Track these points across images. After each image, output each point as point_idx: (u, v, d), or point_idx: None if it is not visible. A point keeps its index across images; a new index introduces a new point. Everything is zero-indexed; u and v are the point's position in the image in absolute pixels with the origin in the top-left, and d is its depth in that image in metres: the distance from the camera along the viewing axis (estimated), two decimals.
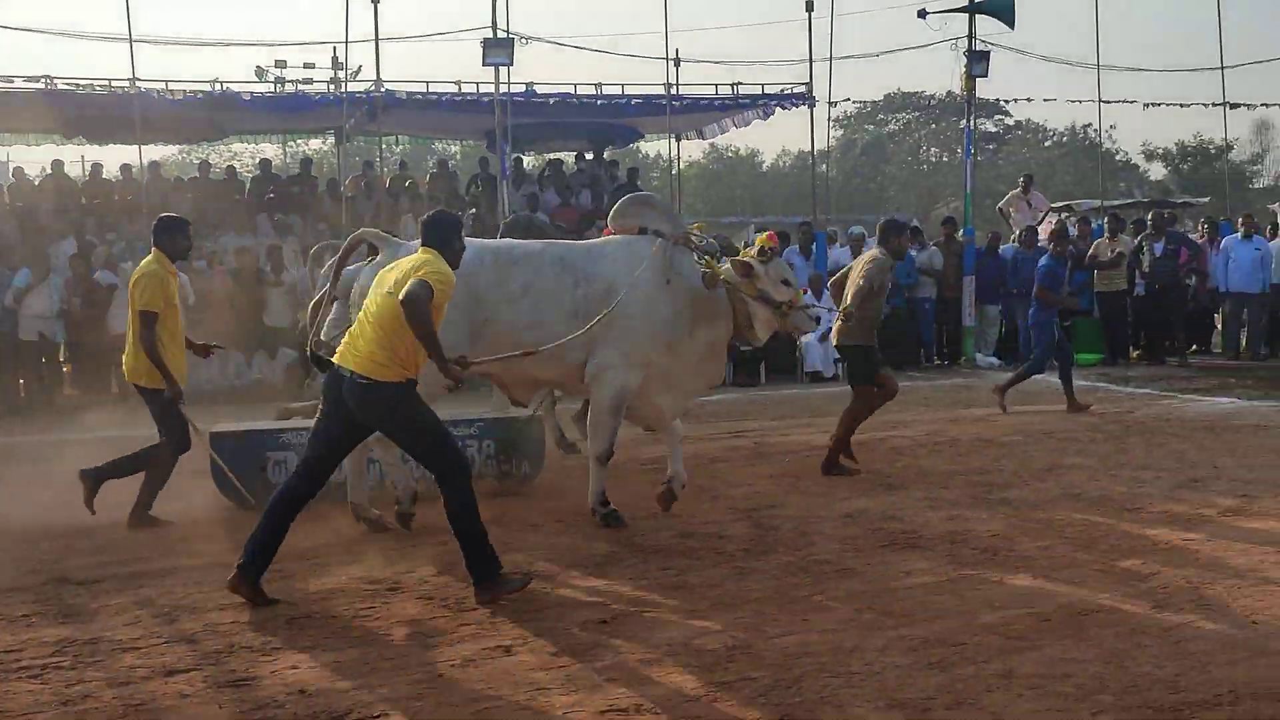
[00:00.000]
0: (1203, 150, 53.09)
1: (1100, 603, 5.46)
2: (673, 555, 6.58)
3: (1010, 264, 17.11)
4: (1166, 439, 10.12)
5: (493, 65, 15.97)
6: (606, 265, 7.46)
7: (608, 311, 7.09)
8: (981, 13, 17.75)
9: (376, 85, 17.02)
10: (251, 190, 18.77)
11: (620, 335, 7.29)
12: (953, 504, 7.77)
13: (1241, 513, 7.30)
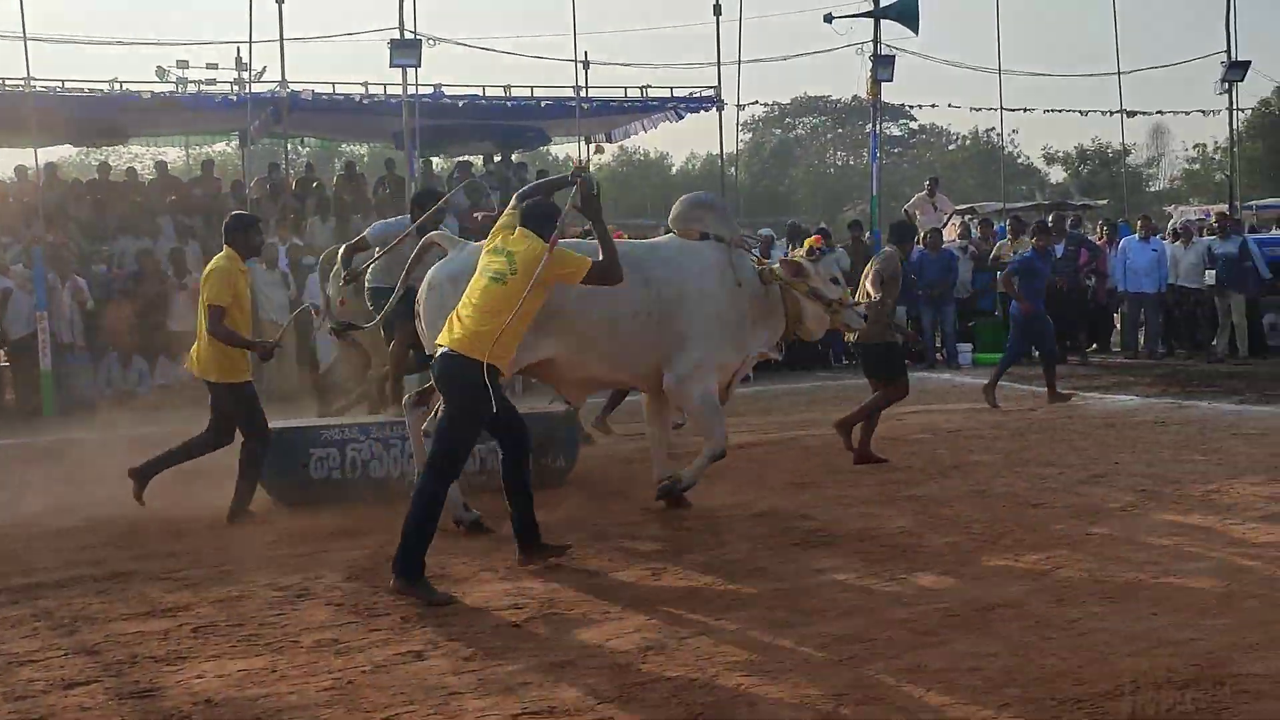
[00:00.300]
0: (1101, 154, 54.43)
1: (1006, 597, 5.55)
2: (586, 557, 6.56)
3: (916, 265, 17.33)
4: (1068, 435, 10.33)
5: (400, 67, 15.84)
6: (674, 268, 7.53)
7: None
8: (886, 18, 18.01)
9: (281, 86, 16.81)
10: (152, 193, 18.40)
11: (697, 341, 7.44)
12: (863, 501, 7.86)
13: (1141, 507, 7.46)
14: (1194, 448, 9.54)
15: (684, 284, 7.47)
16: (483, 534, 7.15)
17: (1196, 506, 7.43)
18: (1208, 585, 5.65)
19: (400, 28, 15.90)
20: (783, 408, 13.09)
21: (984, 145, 54.72)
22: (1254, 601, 5.38)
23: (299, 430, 8.53)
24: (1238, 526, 6.85)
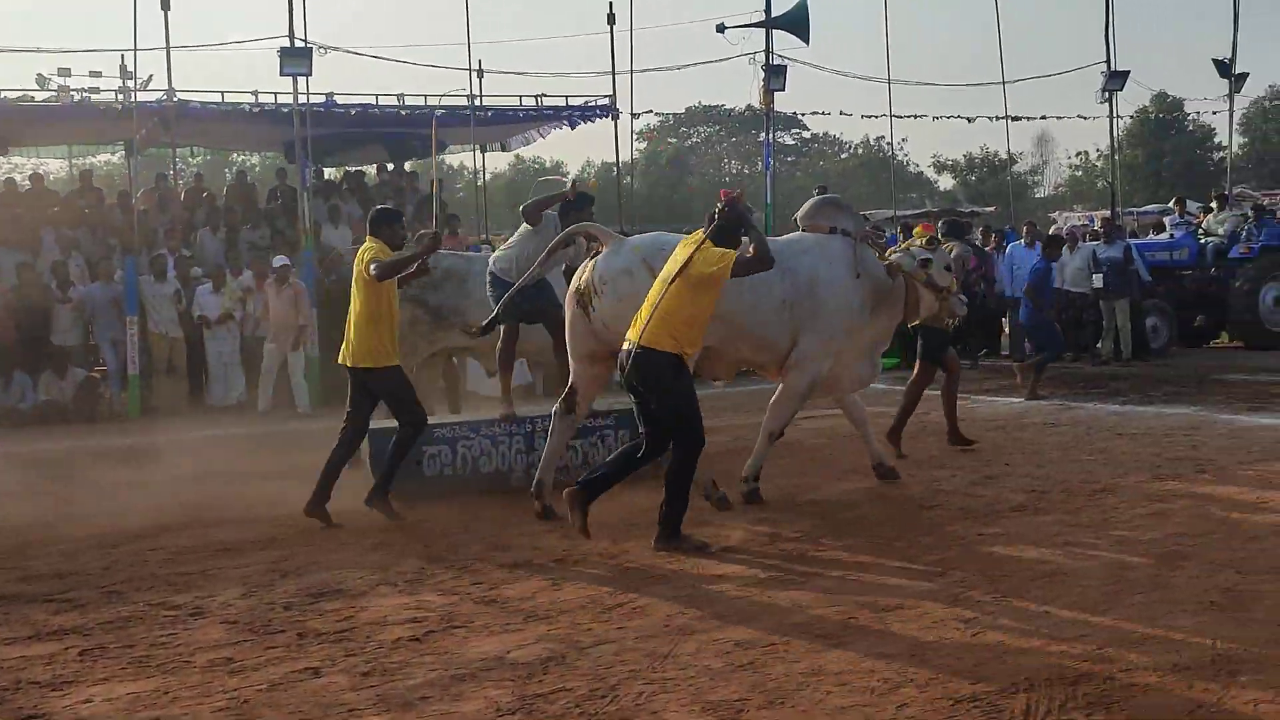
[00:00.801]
0: (989, 162, 55.63)
1: (903, 599, 5.62)
2: (486, 568, 6.52)
3: None
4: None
5: (290, 75, 15.61)
6: (807, 260, 8.14)
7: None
8: (778, 28, 18.21)
9: (169, 95, 16.46)
10: (31, 204, 17.84)
11: (821, 326, 8.05)
12: (762, 507, 7.90)
13: (1032, 507, 7.62)
14: (1081, 448, 9.77)
15: (816, 273, 8.10)
16: (727, 508, 7.75)
17: (1084, 506, 7.61)
18: (1097, 582, 5.79)
19: (290, 36, 15.66)
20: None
21: (875, 154, 55.65)
22: (1140, 597, 5.52)
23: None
24: (1124, 524, 7.03)
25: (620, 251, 7.76)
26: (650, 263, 7.52)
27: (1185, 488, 8.06)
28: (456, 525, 7.45)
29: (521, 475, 8.67)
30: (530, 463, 8.62)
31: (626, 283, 7.55)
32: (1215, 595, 5.48)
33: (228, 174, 33.86)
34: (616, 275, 7.62)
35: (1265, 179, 46.65)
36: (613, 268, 7.67)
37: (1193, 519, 7.11)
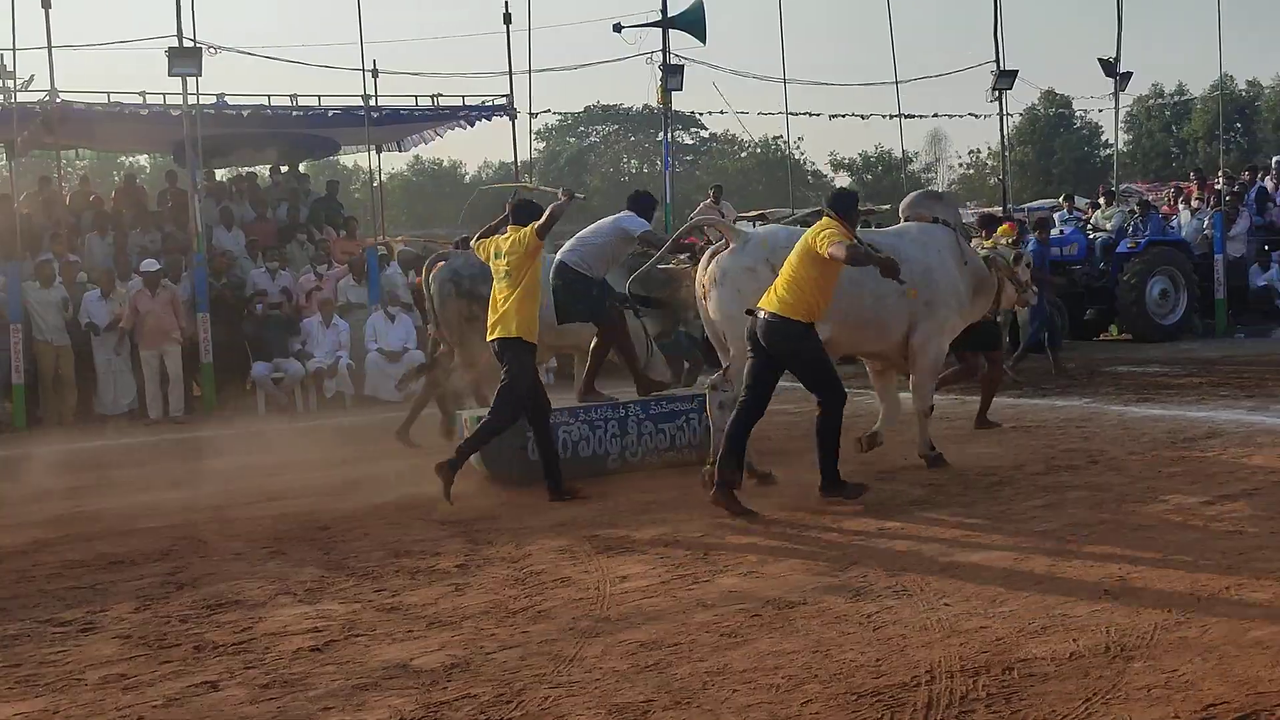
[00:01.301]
0: (884, 160, 56.41)
1: (806, 595, 5.66)
2: (386, 576, 6.44)
3: None
4: (858, 434, 10.60)
5: (179, 75, 15.28)
6: (918, 249, 8.63)
7: None
8: (674, 28, 18.25)
9: (51, 95, 15.99)
10: None
11: (937, 312, 8.63)
12: (663, 506, 7.91)
13: (928, 502, 7.73)
14: (977, 441, 9.94)
15: (928, 261, 8.62)
16: (772, 483, 8.25)
17: (981, 498, 7.73)
18: (994, 574, 5.88)
19: (179, 35, 15.33)
20: None
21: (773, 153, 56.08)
22: (1038, 587, 5.62)
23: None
24: (1020, 516, 7.16)
25: (746, 248, 8.27)
26: (773, 261, 7.99)
27: (1078, 479, 8.23)
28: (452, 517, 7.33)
29: (617, 459, 9.24)
30: (624, 446, 9.27)
31: (748, 280, 8.06)
32: (1109, 584, 5.59)
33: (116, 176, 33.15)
34: (739, 272, 8.16)
35: (1150, 174, 47.95)
36: (737, 264, 8.21)
37: (1086, 510, 7.26)
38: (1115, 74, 22.54)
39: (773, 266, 7.88)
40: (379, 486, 9.08)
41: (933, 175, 64.11)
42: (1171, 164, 51.80)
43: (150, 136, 19.46)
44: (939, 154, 64.35)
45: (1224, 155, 26.23)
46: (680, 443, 9.48)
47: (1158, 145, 55.46)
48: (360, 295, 16.16)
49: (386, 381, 15.21)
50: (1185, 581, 5.55)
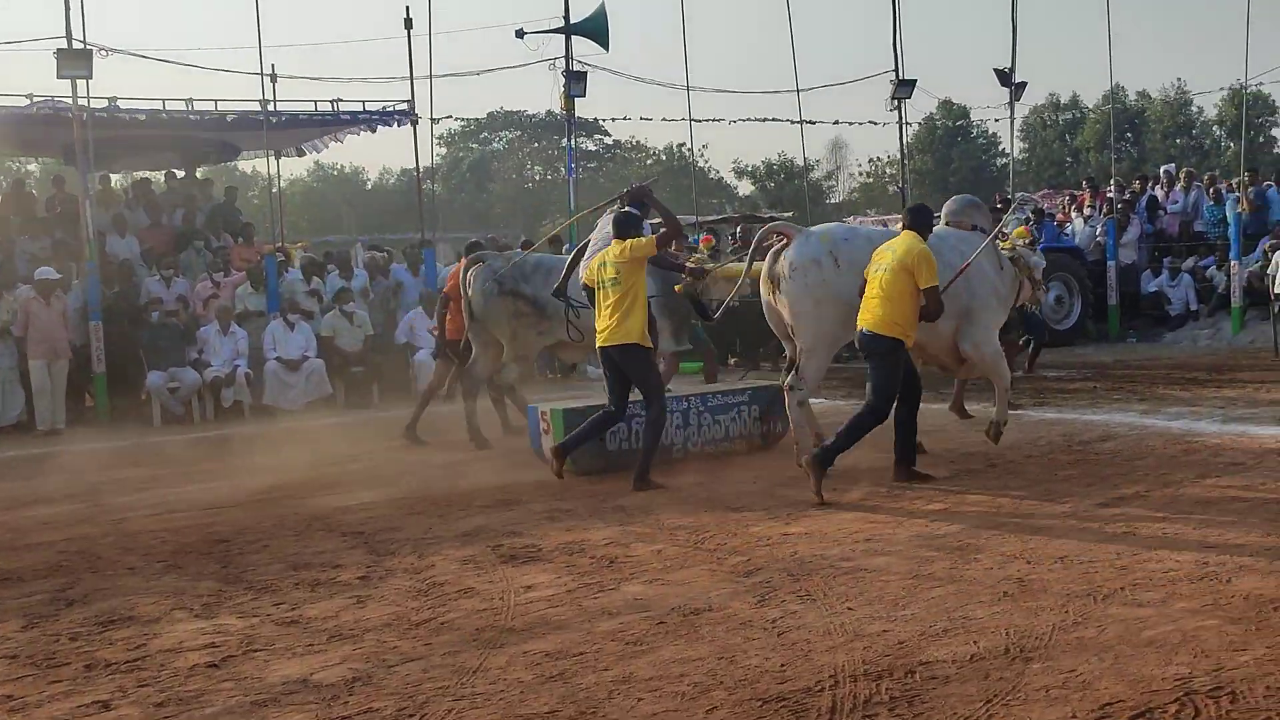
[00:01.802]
0: (786, 168, 56.98)
1: (711, 601, 5.66)
2: (285, 589, 6.32)
3: None
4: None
5: (69, 78, 14.91)
6: (959, 255, 8.93)
7: None
8: (577, 34, 18.25)
9: None
10: None
11: (983, 313, 9.13)
12: (570, 515, 7.88)
13: (836, 504, 7.79)
14: (881, 446, 9.99)
15: (972, 265, 8.89)
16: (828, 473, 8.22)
17: (884, 502, 7.81)
18: (897, 577, 5.93)
19: (68, 37, 14.95)
20: (488, 424, 12.98)
21: (677, 160, 56.34)
22: (939, 590, 5.68)
23: (595, 409, 9.28)
24: (922, 519, 7.24)
25: (809, 242, 8.83)
26: (836, 254, 8.71)
27: (978, 482, 8.35)
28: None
29: (681, 448, 9.79)
30: (686, 436, 9.85)
31: (815, 271, 8.66)
32: (1008, 586, 5.67)
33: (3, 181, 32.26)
34: (806, 264, 8.68)
35: (1045, 183, 48.99)
36: (804, 256, 8.72)
37: (985, 512, 7.37)
38: (1011, 84, 22.97)
39: (836, 259, 8.66)
40: (280, 498, 8.93)
41: (833, 183, 64.93)
42: (1065, 173, 53.00)
43: (39, 140, 18.96)
44: (840, 161, 65.19)
45: (1115, 164, 26.85)
46: (733, 433, 10.12)
47: (1052, 154, 56.70)
48: (259, 303, 15.90)
49: (286, 390, 15.00)
50: (1082, 582, 5.65)
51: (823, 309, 8.67)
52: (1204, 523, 6.77)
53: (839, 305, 8.59)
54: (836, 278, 8.62)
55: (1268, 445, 9.17)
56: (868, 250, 8.48)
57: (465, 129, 59.05)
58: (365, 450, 11.36)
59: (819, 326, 8.74)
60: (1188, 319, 19.69)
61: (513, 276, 10.99)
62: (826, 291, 8.61)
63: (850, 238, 8.92)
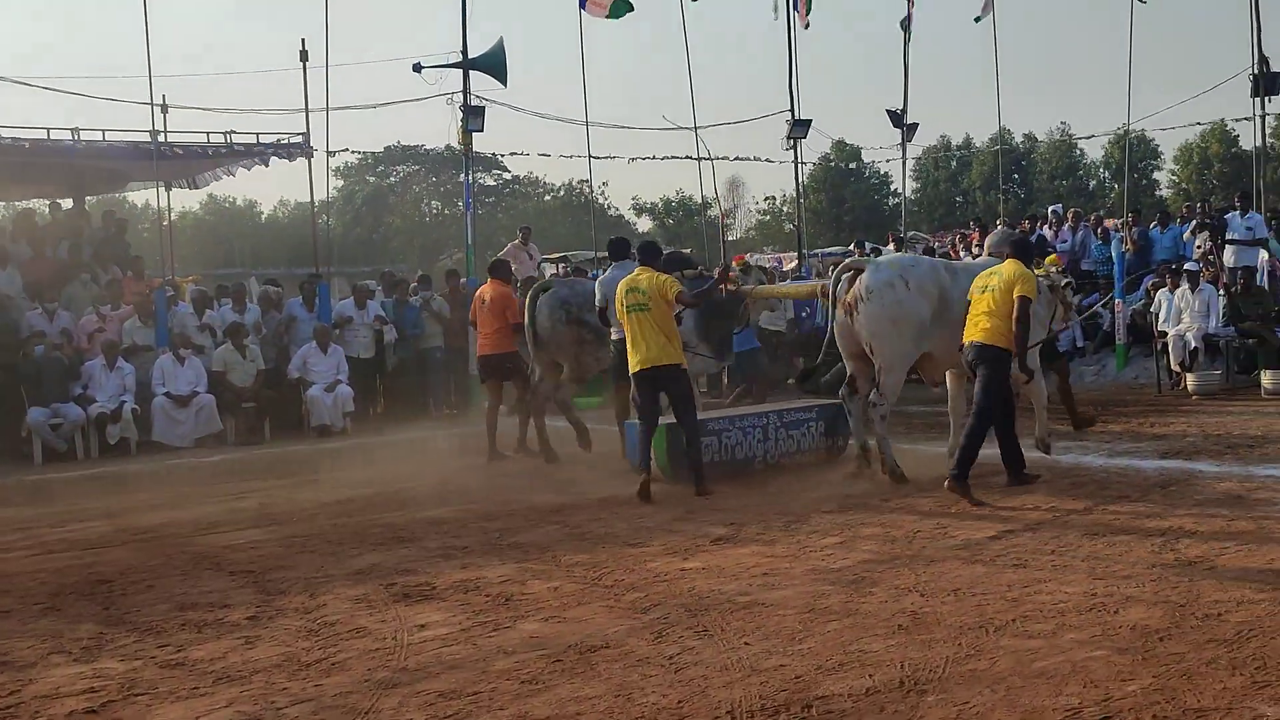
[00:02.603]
0: (685, 205, 57.40)
1: (608, 638, 5.62)
2: (171, 630, 6.13)
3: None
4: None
5: None
6: None
7: None
8: (475, 69, 18.19)
9: None
10: None
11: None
12: (465, 552, 7.79)
13: (731, 540, 7.80)
14: (776, 481, 10.08)
15: None
16: (902, 482, 9.53)
17: (780, 537, 7.84)
18: (793, 611, 5.94)
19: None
20: (383, 460, 12.85)
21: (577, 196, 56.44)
22: (835, 624, 5.70)
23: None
24: (817, 553, 7.28)
25: (882, 269, 9.73)
26: (906, 278, 9.62)
27: (872, 517, 8.43)
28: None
29: (760, 461, 10.61)
30: (766, 451, 10.66)
31: (890, 294, 9.54)
32: (902, 619, 5.71)
33: None
34: (882, 287, 9.54)
35: (935, 222, 49.97)
36: (879, 281, 9.58)
37: (880, 545, 7.43)
38: (902, 125, 23.46)
39: (907, 282, 9.57)
40: (167, 536, 8.71)
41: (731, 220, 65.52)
42: (955, 213, 54.08)
43: None
44: (737, 199, 65.85)
45: (1003, 204, 27.50)
46: (804, 446, 10.94)
47: (942, 195, 57.84)
48: (148, 337, 15.53)
49: (174, 426, 14.68)
50: (974, 615, 5.72)
51: (899, 328, 9.59)
52: (1092, 555, 6.90)
53: (912, 324, 9.61)
54: (909, 299, 9.57)
55: (1152, 479, 9.40)
56: (932, 276, 9.73)
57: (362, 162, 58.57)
58: (256, 487, 11.12)
59: (896, 345, 9.64)
60: (1074, 356, 20.14)
61: (579, 305, 11.95)
62: (901, 311, 9.54)
63: (916, 264, 10.02)
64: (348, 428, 15.67)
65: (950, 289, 9.75)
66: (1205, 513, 7.98)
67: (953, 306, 9.59)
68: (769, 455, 10.67)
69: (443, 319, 17.42)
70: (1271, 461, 9.91)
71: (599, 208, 47.60)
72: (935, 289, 9.68)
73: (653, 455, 9.76)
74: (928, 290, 9.61)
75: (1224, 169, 51.04)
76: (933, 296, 9.63)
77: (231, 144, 18.29)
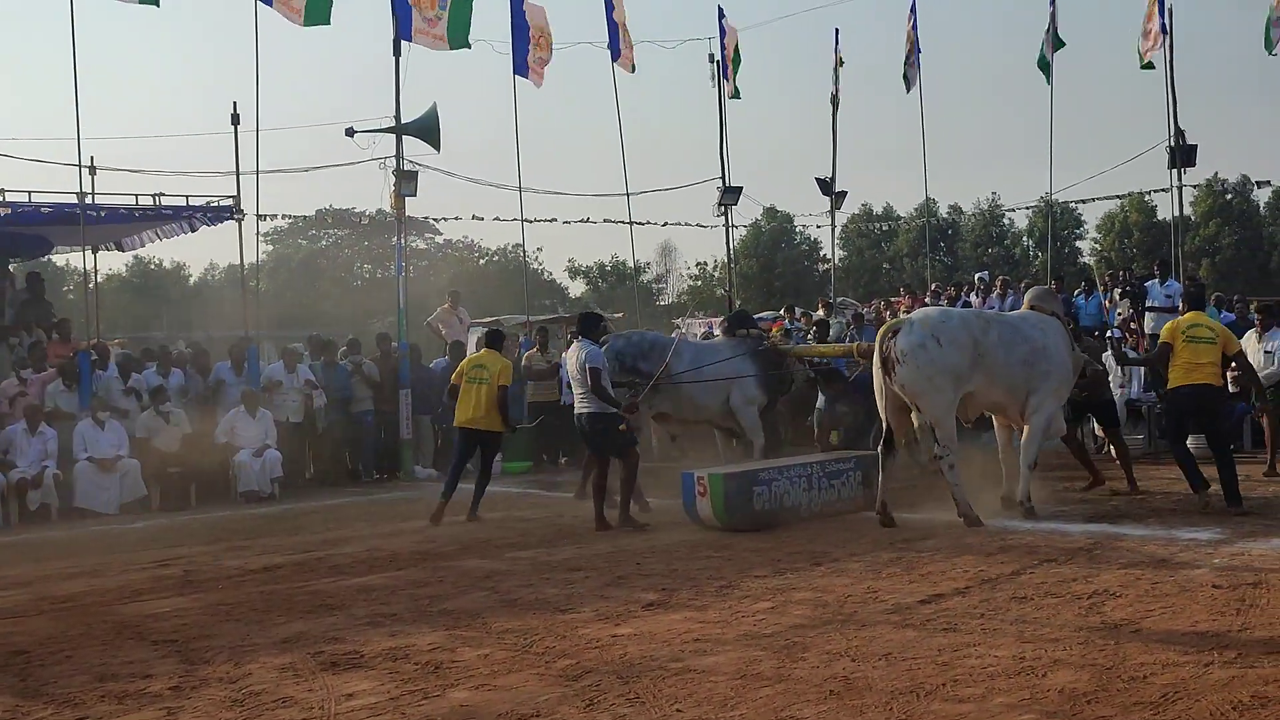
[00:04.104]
0: (618, 270, 57.73)
1: (538, 706, 5.56)
2: (89, 702, 5.98)
3: (440, 377, 17.51)
4: (594, 540, 10.65)
5: None
6: (1038, 334, 11.07)
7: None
8: (408, 134, 18.21)
9: None
10: None
11: (1053, 384, 10.98)
12: (394, 619, 7.69)
13: (664, 605, 7.77)
14: (709, 546, 10.09)
15: (1047, 341, 11.04)
16: (977, 525, 10.32)
17: (712, 602, 7.82)
18: (725, 677, 5.93)
19: None
20: (311, 526, 12.68)
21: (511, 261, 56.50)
22: (767, 689, 5.69)
23: (746, 473, 11.05)
24: (749, 619, 7.27)
25: (914, 330, 10.50)
26: (938, 335, 10.43)
27: (803, 580, 8.45)
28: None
29: (806, 509, 11.21)
30: (810, 499, 11.26)
31: (924, 354, 10.38)
32: (834, 684, 5.71)
33: None
34: (915, 348, 10.40)
35: (862, 289, 50.61)
36: (912, 343, 10.43)
37: (812, 610, 7.44)
38: (831, 193, 23.82)
39: (938, 340, 10.38)
40: (88, 605, 8.51)
41: (663, 285, 65.93)
42: (881, 279, 54.82)
43: None
44: (669, 264, 66.33)
45: (930, 270, 27.93)
46: (844, 496, 11.61)
47: (869, 261, 58.65)
48: (71, 402, 15.26)
49: (98, 492, 14.40)
50: (905, 679, 5.73)
51: (936, 383, 10.40)
52: (1020, 618, 6.96)
53: (948, 377, 10.44)
54: (942, 356, 10.38)
55: (1078, 542, 9.51)
56: (962, 329, 10.56)
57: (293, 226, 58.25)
58: (181, 554, 10.92)
59: (939, 397, 10.45)
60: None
61: (634, 356, 12.75)
62: (936, 369, 10.35)
63: (946, 320, 10.71)
64: (276, 493, 15.46)
65: (982, 339, 10.66)
66: (1130, 575, 8.09)
67: (988, 354, 10.60)
68: (813, 504, 11.31)
69: (373, 383, 17.30)
70: (1193, 525, 10.08)
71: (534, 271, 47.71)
72: (969, 340, 10.55)
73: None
74: (960, 344, 10.49)
75: (1144, 238, 52.33)
76: (966, 348, 10.50)
77: (161, 206, 18.11)
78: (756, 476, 11.03)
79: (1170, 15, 19.95)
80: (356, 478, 17.15)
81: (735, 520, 10.71)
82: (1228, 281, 43.34)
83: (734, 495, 10.75)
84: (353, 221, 57.92)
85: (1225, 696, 5.22)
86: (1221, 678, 5.53)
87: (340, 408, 17.15)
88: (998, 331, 10.84)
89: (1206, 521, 10.16)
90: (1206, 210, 52.75)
